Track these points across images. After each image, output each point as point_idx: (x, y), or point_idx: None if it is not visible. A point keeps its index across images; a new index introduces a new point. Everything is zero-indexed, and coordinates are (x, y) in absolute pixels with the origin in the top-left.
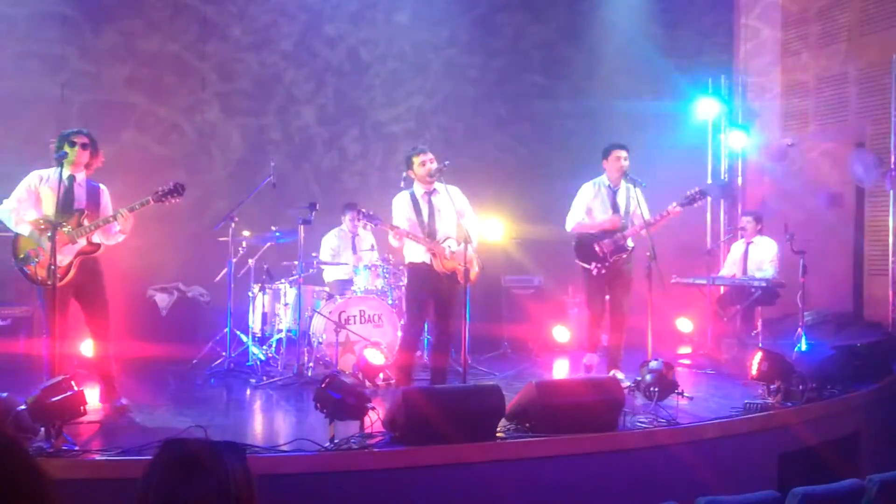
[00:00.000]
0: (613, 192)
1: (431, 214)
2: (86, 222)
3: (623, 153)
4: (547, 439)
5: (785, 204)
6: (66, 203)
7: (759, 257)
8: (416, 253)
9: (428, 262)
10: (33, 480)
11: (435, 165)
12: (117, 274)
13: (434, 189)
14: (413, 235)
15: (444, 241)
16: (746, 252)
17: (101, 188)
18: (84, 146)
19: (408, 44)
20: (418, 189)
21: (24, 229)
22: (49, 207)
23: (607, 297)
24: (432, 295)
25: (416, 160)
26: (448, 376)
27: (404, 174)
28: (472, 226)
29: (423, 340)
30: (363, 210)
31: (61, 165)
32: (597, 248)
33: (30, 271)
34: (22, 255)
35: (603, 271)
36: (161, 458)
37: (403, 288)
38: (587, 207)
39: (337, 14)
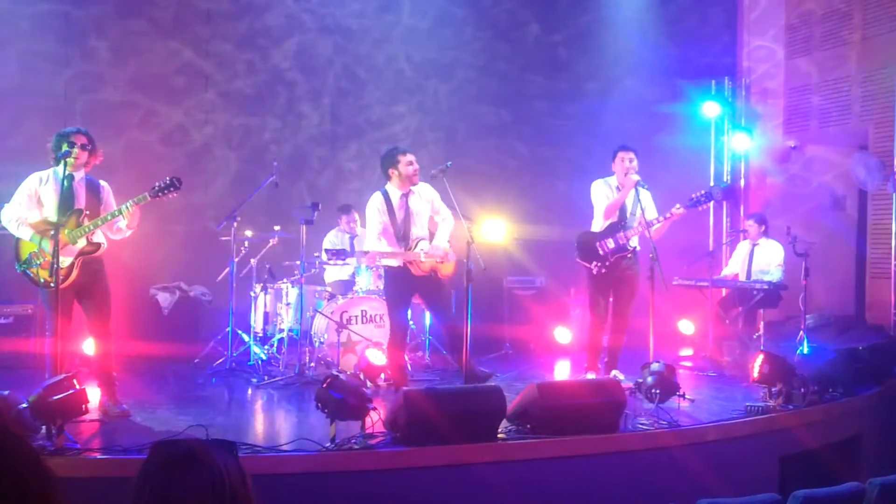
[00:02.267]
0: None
1: (407, 217)
2: (86, 222)
3: (629, 155)
4: (548, 440)
5: (787, 206)
6: (65, 203)
7: (765, 260)
8: (391, 257)
9: (403, 265)
10: (39, 478)
11: (417, 167)
12: (119, 273)
13: (410, 190)
14: (388, 254)
15: (416, 245)
16: (751, 254)
17: (101, 185)
18: (84, 146)
19: (410, 45)
20: (394, 191)
21: (26, 233)
22: (49, 209)
23: (610, 298)
24: (412, 295)
25: (404, 159)
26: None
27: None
28: (447, 221)
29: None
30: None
31: (64, 165)
32: (598, 248)
33: (33, 274)
34: (24, 259)
35: (603, 270)
36: (154, 458)
37: None
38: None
39: (339, 13)
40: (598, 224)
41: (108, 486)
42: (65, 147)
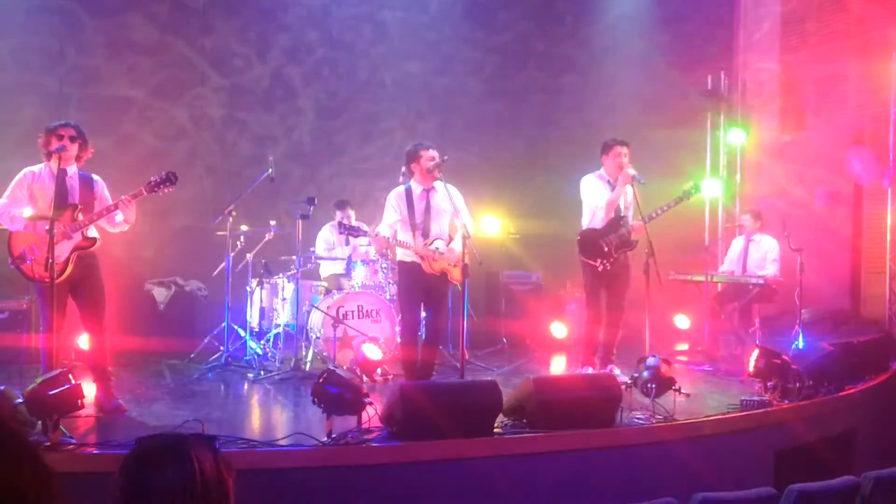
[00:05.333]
0: (612, 188)
1: (427, 212)
2: (80, 217)
3: (624, 149)
4: (544, 435)
5: (783, 201)
6: (60, 198)
7: (760, 255)
8: (407, 252)
9: (417, 261)
10: (35, 472)
11: (438, 162)
12: (115, 267)
13: (433, 187)
14: (398, 242)
15: (432, 242)
16: (746, 249)
17: (94, 179)
18: (72, 139)
19: (410, 36)
20: (416, 186)
21: (20, 225)
22: (44, 203)
23: (606, 293)
24: (423, 292)
25: (426, 154)
26: (434, 370)
27: (403, 169)
28: (467, 225)
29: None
30: (344, 223)
31: (59, 159)
32: (603, 245)
33: (26, 269)
34: (17, 254)
35: (608, 267)
36: (133, 452)
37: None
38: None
39: (335, 7)
40: (594, 220)
41: (104, 480)
42: (55, 141)
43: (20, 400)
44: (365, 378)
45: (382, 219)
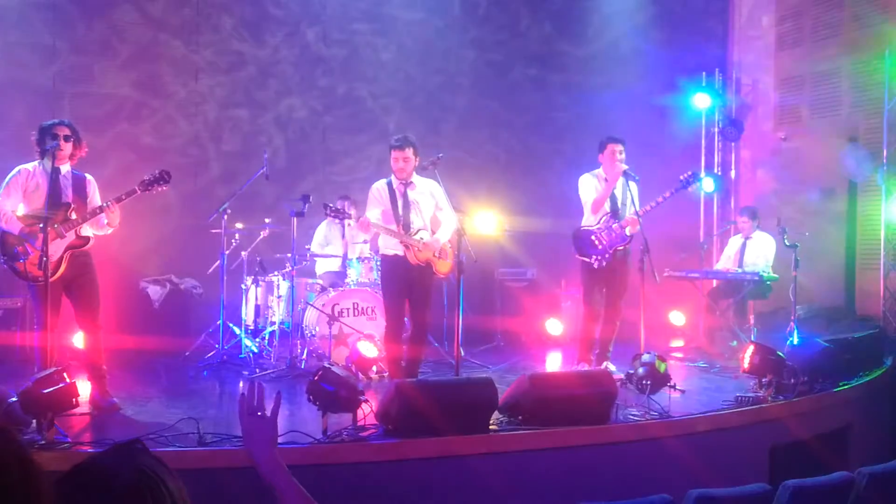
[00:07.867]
0: (608, 185)
1: (406, 206)
2: (73, 216)
3: (619, 147)
4: (539, 432)
5: (777, 198)
6: (53, 197)
7: (757, 253)
8: (389, 245)
9: (401, 253)
10: (23, 469)
11: (403, 165)
12: (110, 266)
13: (410, 182)
14: (384, 228)
15: (417, 233)
16: (743, 248)
17: (86, 178)
18: (66, 138)
19: (404, 33)
20: (395, 180)
21: (14, 227)
22: (36, 202)
23: (603, 290)
24: (407, 286)
25: (392, 154)
26: (420, 368)
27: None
28: (448, 218)
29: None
30: (329, 205)
31: (53, 158)
32: (595, 240)
33: (19, 268)
34: (10, 253)
35: (604, 263)
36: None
37: None
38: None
39: (337, 5)
40: (587, 219)
41: None
42: (49, 140)
43: (14, 398)
44: (360, 375)
45: (367, 209)
